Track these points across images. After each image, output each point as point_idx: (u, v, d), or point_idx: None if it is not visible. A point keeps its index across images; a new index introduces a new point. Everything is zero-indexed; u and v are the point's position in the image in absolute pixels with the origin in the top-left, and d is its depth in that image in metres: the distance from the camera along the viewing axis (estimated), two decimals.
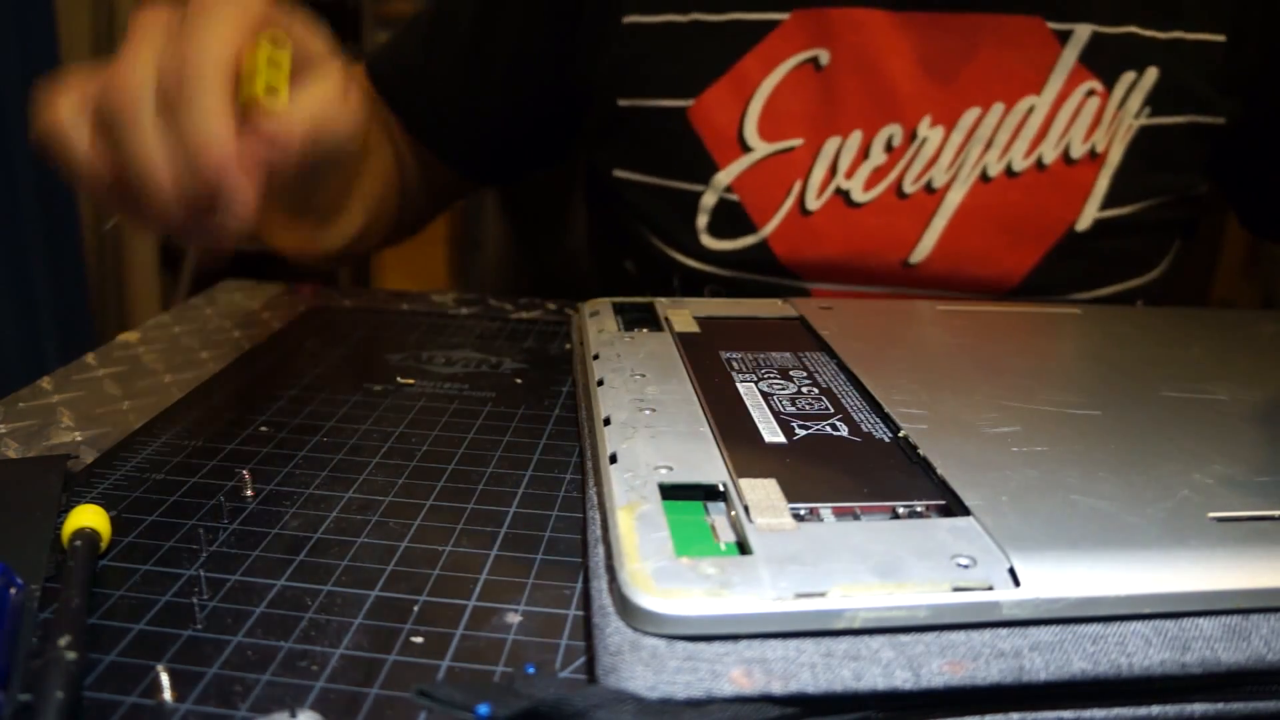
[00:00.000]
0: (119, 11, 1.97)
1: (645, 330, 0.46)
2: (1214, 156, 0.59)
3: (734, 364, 0.42)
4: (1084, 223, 0.57)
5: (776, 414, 0.36)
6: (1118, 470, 0.32)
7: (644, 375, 0.40)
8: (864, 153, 0.57)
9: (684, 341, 0.44)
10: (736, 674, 0.24)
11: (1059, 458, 0.33)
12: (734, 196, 0.58)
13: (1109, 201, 0.57)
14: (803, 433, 0.35)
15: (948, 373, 0.41)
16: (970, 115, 0.56)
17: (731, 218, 0.59)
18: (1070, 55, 0.55)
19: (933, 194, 0.57)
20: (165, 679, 0.27)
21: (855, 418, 0.36)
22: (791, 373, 0.41)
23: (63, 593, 0.29)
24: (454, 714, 0.25)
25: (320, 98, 0.40)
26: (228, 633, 0.29)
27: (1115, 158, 0.56)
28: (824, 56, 0.57)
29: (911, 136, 0.57)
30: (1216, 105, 0.57)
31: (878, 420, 0.36)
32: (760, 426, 0.35)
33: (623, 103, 0.60)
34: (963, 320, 0.49)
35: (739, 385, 0.39)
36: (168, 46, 0.36)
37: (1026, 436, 0.34)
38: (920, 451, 0.33)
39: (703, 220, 0.60)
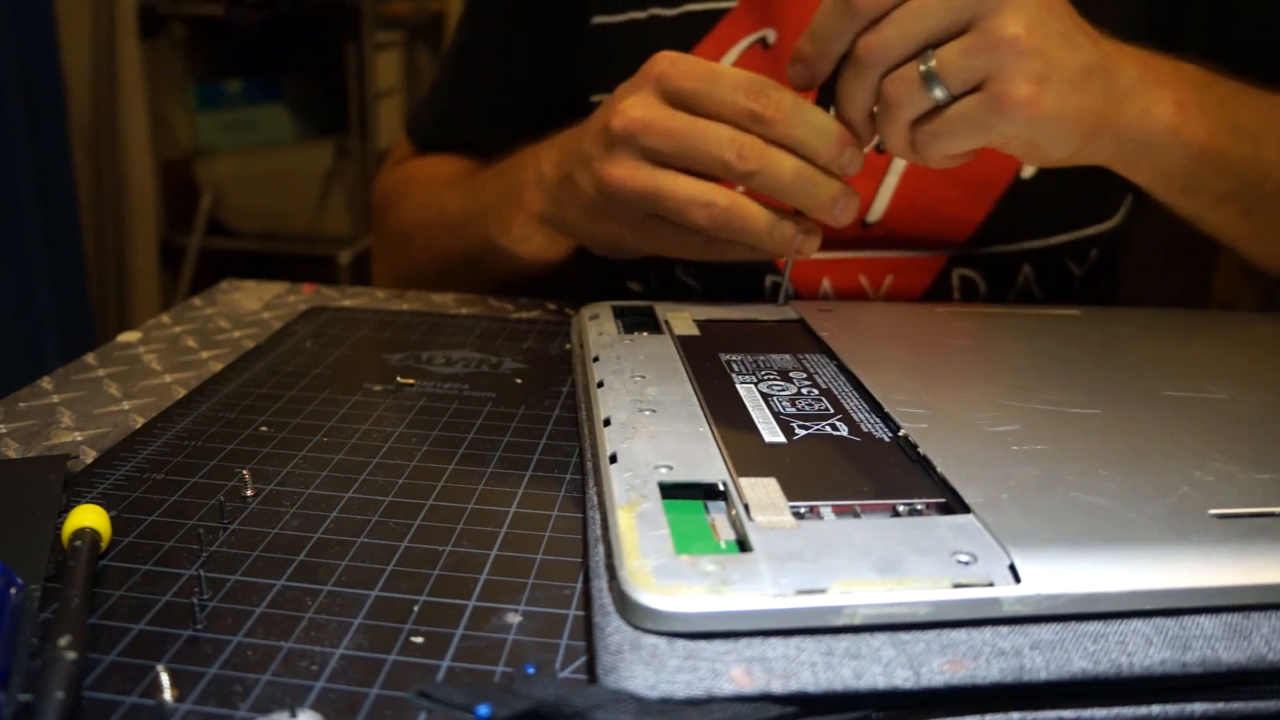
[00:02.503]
0: (119, 11, 1.97)
1: (645, 333, 0.46)
2: None
3: (734, 365, 0.42)
4: (1028, 170, 0.59)
5: (776, 414, 0.36)
6: (1118, 468, 0.32)
7: (644, 377, 0.40)
8: None
9: (684, 344, 0.44)
10: (737, 673, 0.24)
11: (1059, 456, 0.32)
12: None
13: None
14: (803, 433, 0.35)
15: (948, 373, 0.41)
16: None
17: None
18: None
19: (882, 154, 0.59)
20: (165, 679, 0.26)
21: (855, 417, 0.36)
22: (791, 374, 0.41)
23: (63, 593, 0.29)
24: (454, 714, 0.25)
25: None
26: (228, 633, 0.29)
27: None
28: (771, 35, 0.60)
29: None
30: (1141, 38, 0.58)
31: (878, 420, 0.36)
32: (760, 426, 0.35)
33: (594, 99, 0.63)
34: (963, 320, 0.49)
35: (739, 386, 0.39)
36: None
37: (1026, 435, 0.34)
38: (920, 450, 0.33)
39: None
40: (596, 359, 0.42)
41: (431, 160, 0.71)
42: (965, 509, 0.29)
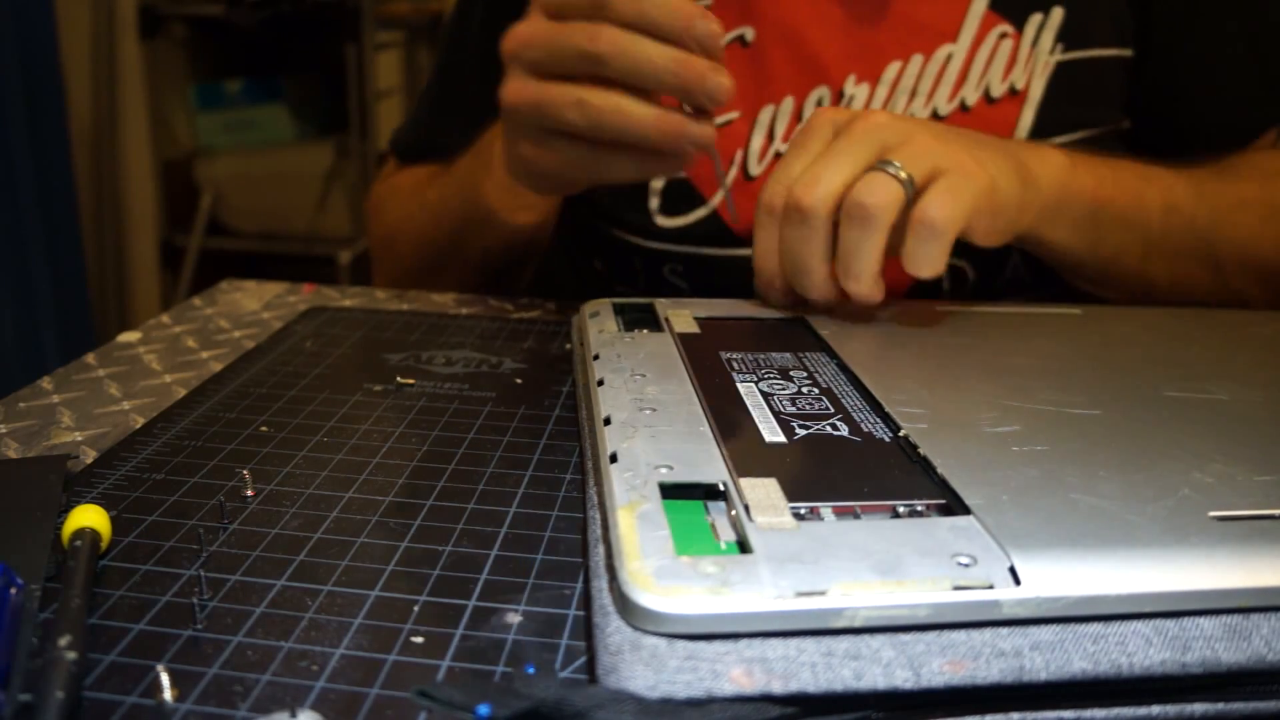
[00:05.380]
0: (119, 11, 1.97)
1: (645, 331, 0.46)
2: (1129, 90, 0.62)
3: (734, 364, 0.42)
4: None
5: (777, 414, 0.36)
6: (1118, 469, 0.32)
7: (644, 375, 0.40)
8: (798, 116, 0.60)
9: (684, 342, 0.44)
10: (737, 673, 0.24)
11: (1059, 457, 0.32)
12: (681, 174, 0.62)
13: (1034, 134, 0.59)
14: (803, 432, 0.35)
15: (948, 373, 0.41)
16: (892, 69, 0.59)
17: (681, 194, 0.62)
18: (980, 3, 0.59)
19: None
20: (165, 679, 0.26)
21: (855, 417, 0.36)
22: (792, 373, 0.41)
23: (63, 593, 0.29)
24: (454, 714, 0.25)
25: None
26: (228, 633, 0.29)
27: (1036, 93, 0.59)
28: (749, 33, 0.61)
29: (839, 95, 0.60)
30: (1124, 37, 0.60)
31: (878, 420, 0.36)
32: (760, 426, 0.35)
33: None
34: (963, 320, 0.49)
35: (739, 385, 0.39)
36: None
37: (1027, 436, 0.34)
38: (920, 451, 0.33)
39: (654, 202, 0.63)
40: (597, 357, 0.42)
41: (415, 169, 0.72)
42: (965, 510, 0.29)
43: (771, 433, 0.35)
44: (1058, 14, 0.58)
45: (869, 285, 0.44)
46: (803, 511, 0.29)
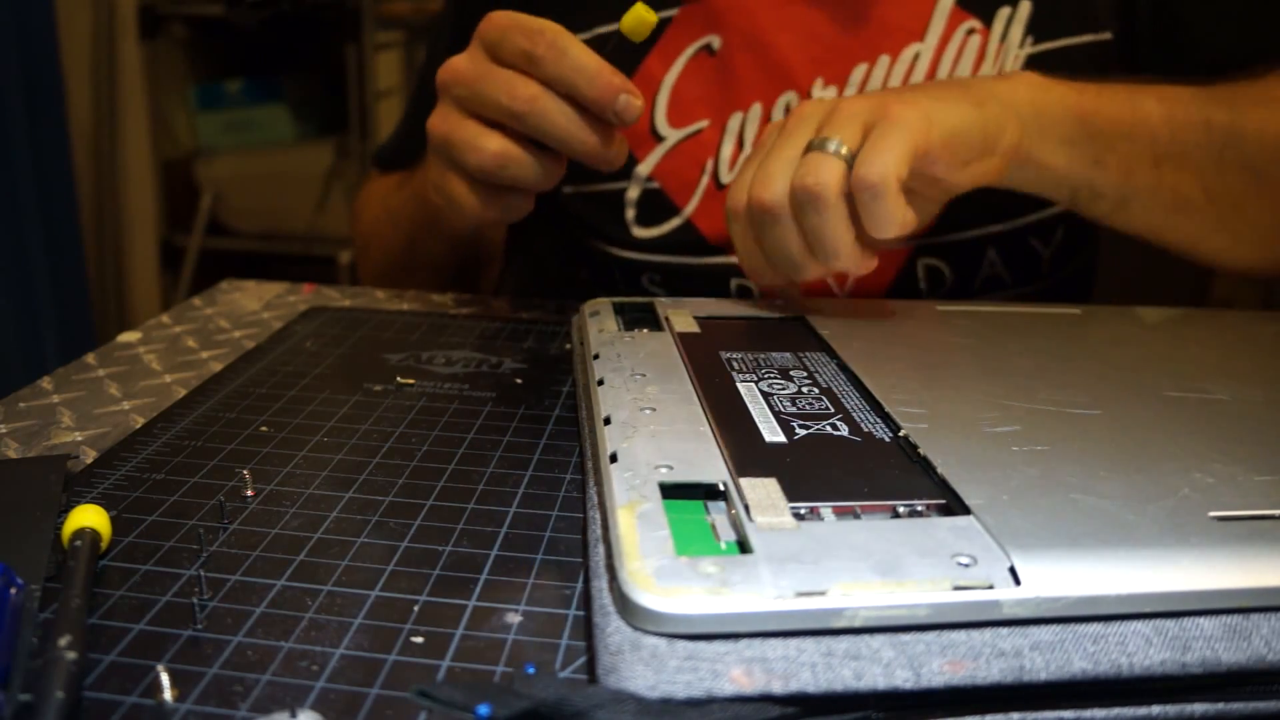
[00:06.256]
0: (119, 11, 1.97)
1: (645, 330, 0.46)
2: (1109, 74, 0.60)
3: (734, 364, 0.42)
4: None
5: (777, 414, 0.36)
6: (1118, 469, 0.32)
7: (644, 375, 0.39)
8: (766, 122, 0.60)
9: (684, 341, 0.44)
10: (737, 673, 0.24)
11: (1059, 457, 0.32)
12: (655, 184, 0.62)
13: None
14: (803, 432, 0.35)
15: (948, 372, 0.41)
16: (859, 71, 0.59)
17: (655, 205, 0.63)
18: (946, 0, 0.58)
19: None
20: (165, 679, 0.26)
21: (855, 417, 0.36)
22: (792, 372, 0.41)
23: (63, 593, 0.29)
24: (454, 714, 0.25)
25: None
26: (228, 633, 0.29)
27: None
28: (715, 42, 0.61)
29: (807, 100, 0.59)
30: (1099, 22, 0.59)
31: (878, 420, 0.36)
32: (760, 426, 0.35)
33: None
34: (963, 320, 0.49)
35: (739, 385, 0.39)
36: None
37: (1027, 435, 0.34)
38: (920, 451, 0.33)
39: (631, 213, 0.64)
40: (597, 356, 0.42)
41: (387, 177, 0.74)
42: (965, 510, 0.29)
43: (771, 433, 0.35)
44: (1025, 7, 0.58)
45: (851, 259, 0.43)
46: (803, 511, 0.29)
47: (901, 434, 0.35)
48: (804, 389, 0.39)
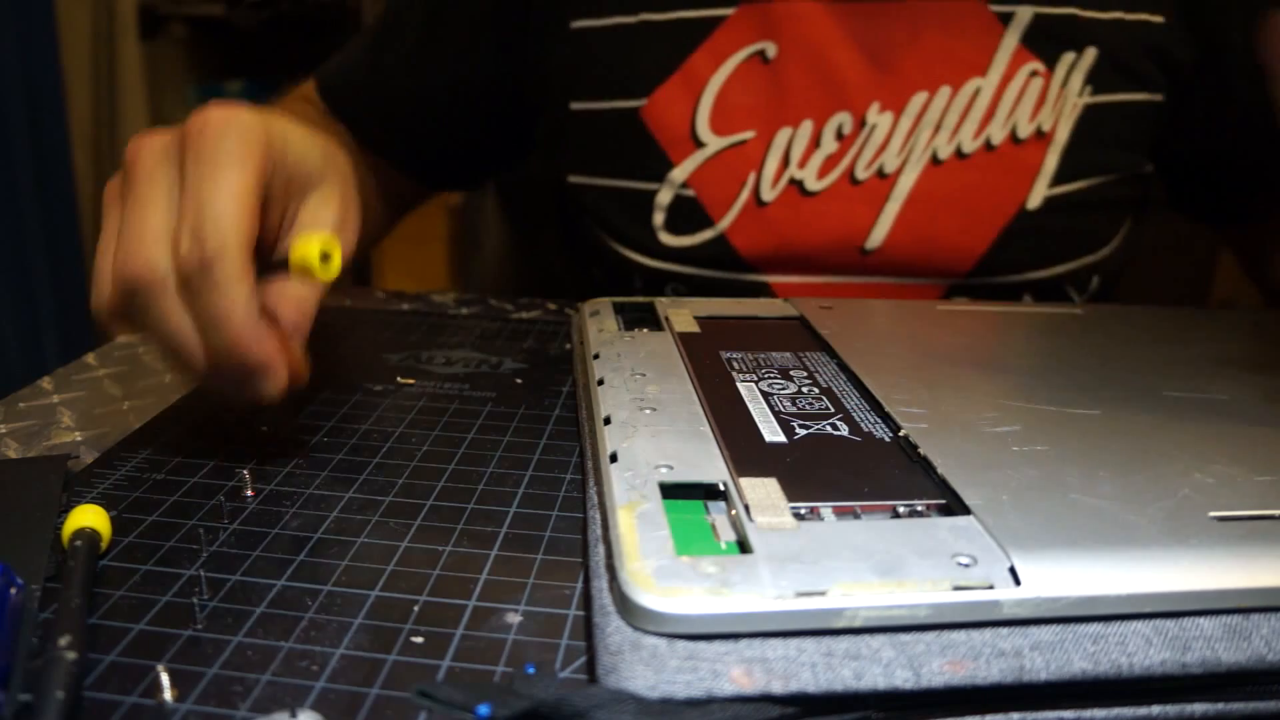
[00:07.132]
0: (119, 11, 1.97)
1: (645, 330, 0.46)
2: (1156, 135, 0.61)
3: (734, 363, 0.42)
4: (1035, 200, 0.58)
5: (777, 413, 0.36)
6: (1118, 469, 0.32)
7: (644, 374, 0.40)
8: (815, 141, 0.58)
9: (684, 341, 0.44)
10: (737, 673, 0.24)
11: (1059, 457, 0.32)
12: (690, 192, 0.59)
13: (1058, 179, 0.58)
14: (803, 432, 0.35)
15: (948, 372, 0.41)
16: (918, 100, 0.57)
17: (688, 214, 0.60)
18: (1012, 38, 0.57)
19: (885, 179, 0.58)
20: (165, 679, 0.26)
21: (855, 417, 0.36)
22: (792, 372, 0.41)
23: (63, 593, 0.29)
24: (454, 714, 0.25)
25: (333, 234, 0.39)
26: (228, 633, 0.29)
27: (1062, 136, 0.57)
28: (770, 49, 0.58)
29: (861, 123, 0.58)
30: (1156, 82, 0.58)
31: (878, 420, 0.36)
32: (760, 426, 0.35)
33: (575, 106, 0.61)
34: (963, 320, 0.49)
35: (739, 385, 0.39)
36: (179, 198, 0.34)
37: (1027, 436, 0.34)
38: (920, 451, 0.33)
39: (659, 218, 0.60)
40: (597, 356, 0.42)
41: (316, 101, 0.69)
42: (966, 510, 0.29)
43: (771, 432, 0.35)
44: (1090, 54, 0.57)
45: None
46: (803, 511, 0.29)
47: (901, 434, 0.35)
48: (804, 389, 0.39)
